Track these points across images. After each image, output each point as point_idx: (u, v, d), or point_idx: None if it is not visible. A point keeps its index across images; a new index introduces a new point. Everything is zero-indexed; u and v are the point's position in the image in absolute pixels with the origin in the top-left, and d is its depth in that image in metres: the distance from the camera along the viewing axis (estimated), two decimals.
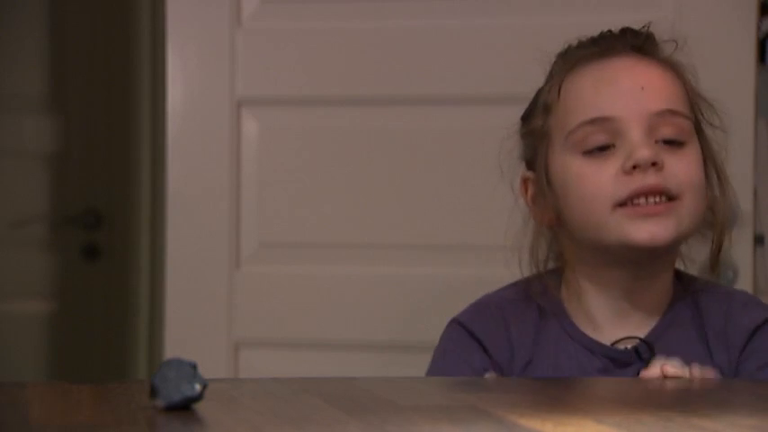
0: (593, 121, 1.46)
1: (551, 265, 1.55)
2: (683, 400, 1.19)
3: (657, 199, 1.42)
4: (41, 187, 3.49)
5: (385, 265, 2.14)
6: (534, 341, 1.50)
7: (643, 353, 1.47)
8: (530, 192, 1.54)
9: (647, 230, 1.42)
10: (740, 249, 2.06)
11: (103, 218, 3.49)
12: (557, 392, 1.24)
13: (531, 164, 1.54)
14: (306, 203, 2.17)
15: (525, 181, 1.55)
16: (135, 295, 3.47)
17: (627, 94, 1.47)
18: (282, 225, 2.18)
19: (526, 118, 1.56)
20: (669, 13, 2.05)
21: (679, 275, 1.54)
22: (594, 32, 1.55)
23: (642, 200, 1.42)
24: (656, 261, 1.48)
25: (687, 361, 1.44)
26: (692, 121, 1.49)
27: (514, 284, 1.57)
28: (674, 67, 1.51)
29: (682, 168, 1.44)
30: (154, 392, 1.01)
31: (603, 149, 1.45)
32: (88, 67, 3.51)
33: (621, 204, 1.43)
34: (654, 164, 1.42)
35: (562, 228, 1.51)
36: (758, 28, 2.08)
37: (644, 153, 1.42)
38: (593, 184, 1.44)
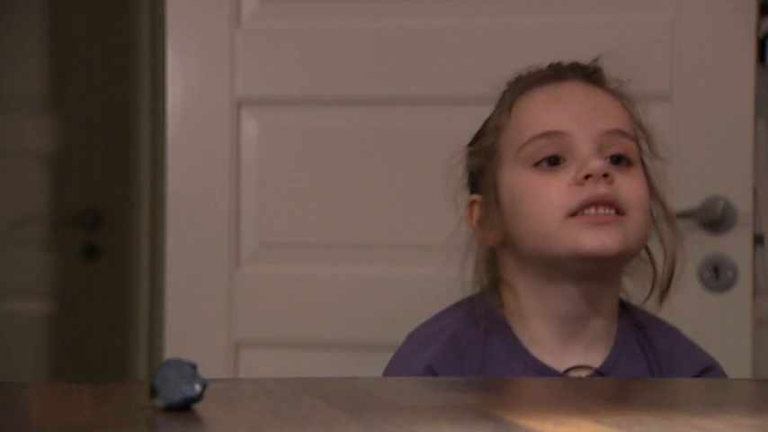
0: (544, 135, 1.47)
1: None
2: (682, 400, 1.19)
3: (607, 210, 1.43)
4: (41, 187, 3.50)
5: (385, 265, 2.14)
6: (481, 363, 1.49)
7: None
8: (475, 215, 1.54)
9: (597, 238, 1.42)
10: (740, 249, 2.06)
11: (103, 218, 3.49)
12: (556, 392, 1.24)
13: (476, 186, 1.55)
14: (305, 203, 2.17)
15: (471, 204, 1.55)
16: (135, 295, 3.47)
17: (578, 112, 1.49)
18: (282, 225, 2.18)
19: (474, 142, 1.57)
20: (669, 14, 2.05)
21: (624, 306, 1.55)
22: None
23: (592, 210, 1.43)
24: (602, 279, 1.48)
25: None
26: (638, 149, 1.51)
27: (459, 306, 1.56)
28: (622, 98, 1.53)
29: (630, 185, 1.46)
30: (153, 392, 1.01)
31: (554, 164, 1.46)
32: (88, 67, 3.51)
33: (573, 215, 1.44)
34: (605, 175, 1.44)
35: (507, 248, 1.51)
36: (758, 28, 2.08)
37: (596, 164, 1.44)
38: (545, 195, 1.45)
